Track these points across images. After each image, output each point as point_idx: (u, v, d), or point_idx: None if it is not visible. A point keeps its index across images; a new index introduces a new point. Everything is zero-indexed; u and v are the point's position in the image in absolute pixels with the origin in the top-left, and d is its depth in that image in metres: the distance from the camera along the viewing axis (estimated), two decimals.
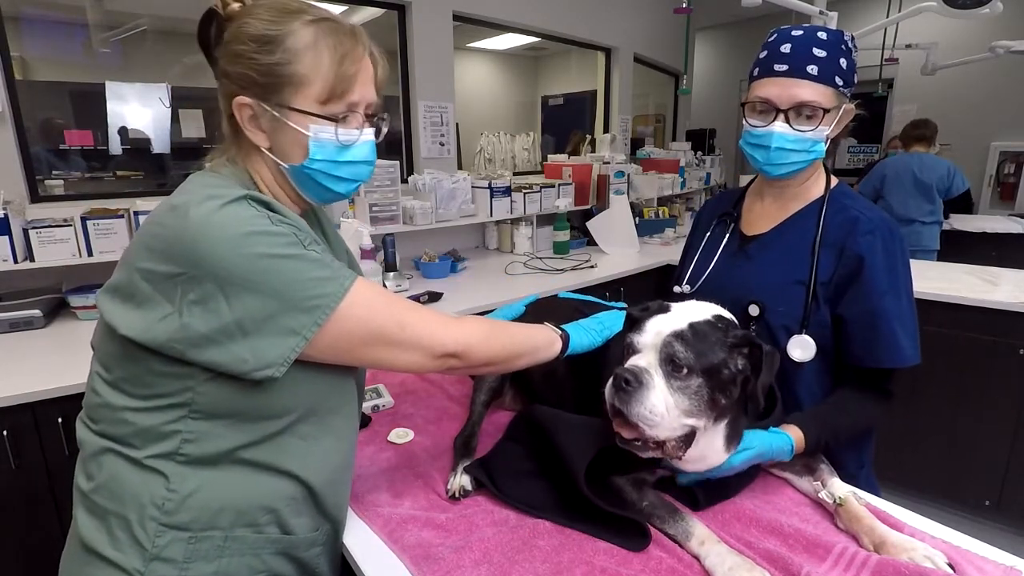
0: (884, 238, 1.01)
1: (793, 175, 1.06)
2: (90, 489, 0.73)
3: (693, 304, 0.87)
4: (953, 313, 2.22)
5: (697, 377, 0.77)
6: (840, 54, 0.98)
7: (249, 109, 0.75)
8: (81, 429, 0.76)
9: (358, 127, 0.79)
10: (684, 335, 0.78)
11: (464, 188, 2.86)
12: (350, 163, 0.80)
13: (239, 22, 0.74)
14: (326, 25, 0.74)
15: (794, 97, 0.97)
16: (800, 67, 0.97)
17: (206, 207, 0.66)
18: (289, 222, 0.71)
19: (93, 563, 0.71)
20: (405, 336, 0.75)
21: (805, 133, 0.99)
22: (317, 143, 0.76)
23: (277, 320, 0.66)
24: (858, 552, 0.76)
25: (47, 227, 1.86)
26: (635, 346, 0.82)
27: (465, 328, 0.81)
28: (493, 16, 3.44)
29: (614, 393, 0.78)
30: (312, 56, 0.73)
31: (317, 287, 0.68)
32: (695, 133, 6.17)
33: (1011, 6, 3.14)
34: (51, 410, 1.45)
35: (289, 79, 0.73)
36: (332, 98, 0.75)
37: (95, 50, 3.53)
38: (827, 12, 2.74)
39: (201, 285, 0.64)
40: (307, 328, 0.68)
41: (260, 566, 0.76)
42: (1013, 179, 5.51)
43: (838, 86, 0.98)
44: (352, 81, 0.76)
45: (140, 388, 0.70)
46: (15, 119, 2.06)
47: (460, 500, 0.93)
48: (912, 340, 1.00)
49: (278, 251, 0.67)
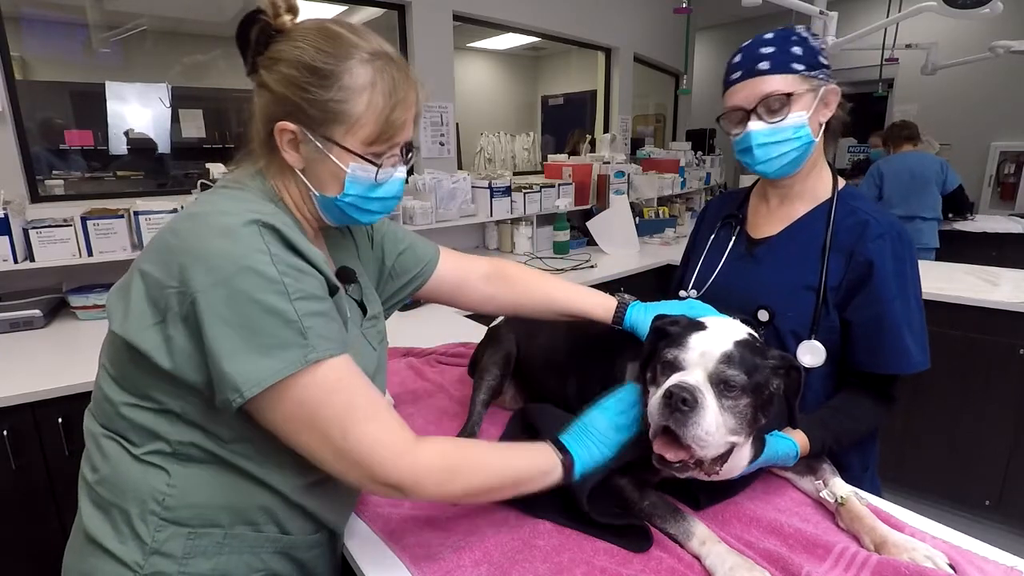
0: (894, 243, 1.00)
1: (792, 171, 1.05)
2: (95, 481, 0.73)
3: (726, 321, 0.86)
4: (953, 313, 2.22)
5: (745, 396, 0.75)
6: (790, 44, 1.00)
7: (291, 134, 0.73)
8: (88, 420, 0.77)
9: (394, 165, 0.79)
10: (733, 354, 0.76)
11: (464, 188, 2.86)
12: (381, 199, 0.80)
13: (291, 42, 0.72)
14: (381, 64, 0.73)
15: (755, 94, 1.00)
16: (751, 68, 1.00)
17: (216, 225, 0.65)
18: (290, 262, 0.67)
19: (96, 554, 0.71)
20: (344, 446, 0.66)
21: (779, 123, 1.00)
22: (353, 180, 0.75)
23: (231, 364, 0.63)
24: (858, 552, 0.76)
25: (47, 227, 1.86)
26: (680, 363, 0.78)
27: (423, 461, 0.69)
28: (493, 16, 3.45)
29: (668, 414, 0.73)
30: (367, 98, 0.72)
31: (276, 351, 0.64)
32: (695, 133, 6.17)
33: (1011, 6, 3.14)
34: (51, 410, 1.45)
35: (340, 117, 0.72)
36: (379, 141, 0.74)
37: (95, 50, 3.53)
38: (827, 12, 2.73)
39: (187, 303, 0.64)
40: (248, 388, 0.63)
41: (259, 564, 0.75)
42: (1013, 179, 5.51)
43: (798, 70, 0.99)
44: (401, 127, 0.75)
45: (137, 387, 0.70)
46: (15, 119, 2.06)
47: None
48: (921, 346, 1.00)
49: (258, 296, 0.63)
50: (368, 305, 0.91)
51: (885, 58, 4.37)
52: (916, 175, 3.59)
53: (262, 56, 0.74)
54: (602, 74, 4.65)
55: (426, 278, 1.03)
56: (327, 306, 0.71)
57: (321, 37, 0.72)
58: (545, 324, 1.16)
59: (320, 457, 0.68)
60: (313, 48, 0.71)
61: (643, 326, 0.96)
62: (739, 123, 1.03)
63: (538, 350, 1.20)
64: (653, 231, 3.81)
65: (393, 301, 1.03)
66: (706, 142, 5.94)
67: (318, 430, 0.66)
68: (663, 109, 6.52)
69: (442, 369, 1.50)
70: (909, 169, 3.61)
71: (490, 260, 1.09)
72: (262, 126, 0.75)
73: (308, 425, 0.66)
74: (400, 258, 1.00)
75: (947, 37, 5.10)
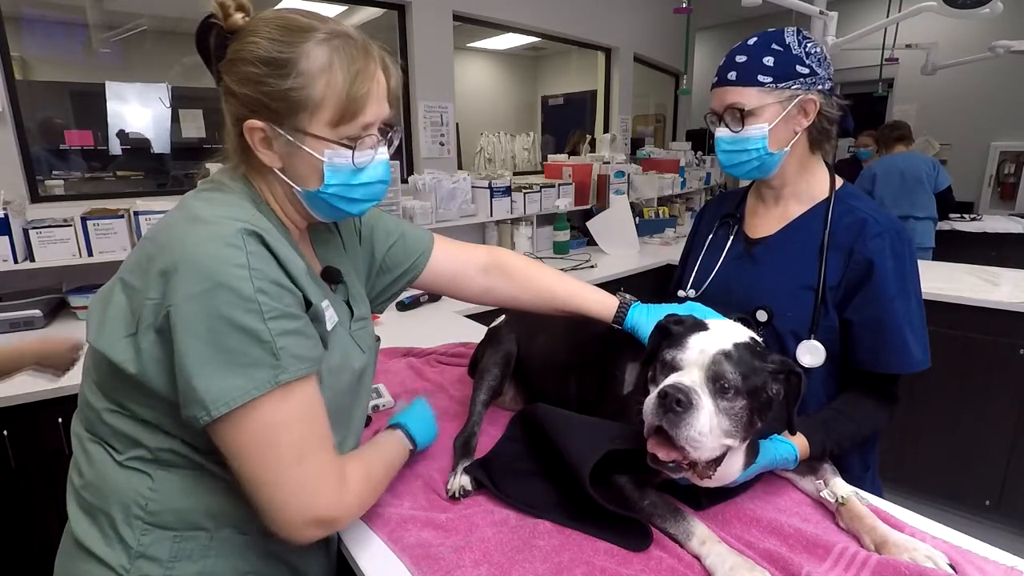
0: (893, 241, 1.00)
1: (764, 175, 1.08)
2: (81, 485, 0.73)
3: (728, 323, 0.85)
4: (953, 313, 2.22)
5: (742, 399, 0.75)
6: (765, 54, 1.01)
7: (261, 132, 0.71)
8: (75, 423, 0.77)
9: (372, 147, 0.75)
10: (731, 356, 0.76)
11: (464, 188, 2.87)
12: (365, 185, 0.76)
13: (244, 39, 0.70)
14: (338, 43, 0.70)
15: (723, 102, 1.04)
16: (723, 76, 1.04)
17: (196, 236, 0.64)
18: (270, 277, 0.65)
19: (83, 558, 0.71)
20: (293, 474, 0.65)
21: (738, 133, 1.03)
22: (332, 168, 0.73)
23: (200, 381, 0.62)
24: (858, 552, 0.76)
25: (47, 227, 1.86)
26: (677, 363, 0.78)
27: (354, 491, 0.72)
28: (493, 16, 3.45)
29: (662, 414, 0.73)
30: (326, 79, 0.69)
31: (246, 370, 0.62)
32: (695, 133, 6.16)
33: (1011, 6, 3.14)
34: (51, 410, 1.45)
35: (303, 104, 0.69)
36: (344, 120, 0.71)
37: (95, 50, 3.53)
38: (827, 12, 2.73)
39: (162, 315, 0.63)
40: (216, 407, 0.62)
41: (246, 567, 0.75)
42: (1013, 179, 5.51)
43: (763, 83, 1.00)
44: (364, 101, 0.72)
45: (114, 396, 0.70)
46: (15, 119, 2.06)
47: (460, 500, 0.92)
48: (922, 345, 1.00)
49: (230, 314, 0.62)
50: (355, 306, 0.89)
51: (885, 58, 4.37)
52: (907, 175, 3.63)
53: (223, 60, 0.72)
54: (602, 74, 4.65)
55: (419, 270, 1.00)
56: (302, 323, 0.69)
57: (274, 27, 0.69)
58: (546, 324, 1.16)
59: (260, 481, 0.65)
60: (267, 40, 0.69)
61: (644, 328, 0.96)
62: (715, 126, 1.08)
63: (539, 350, 1.19)
64: (653, 231, 3.82)
65: (387, 295, 1.01)
66: (706, 142, 5.93)
67: (273, 453, 0.65)
68: (663, 109, 6.52)
69: (442, 369, 1.50)
70: (900, 170, 3.66)
71: (489, 249, 1.07)
72: (233, 130, 0.74)
73: (265, 447, 0.65)
74: (391, 251, 0.98)
75: (947, 37, 5.10)
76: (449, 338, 1.71)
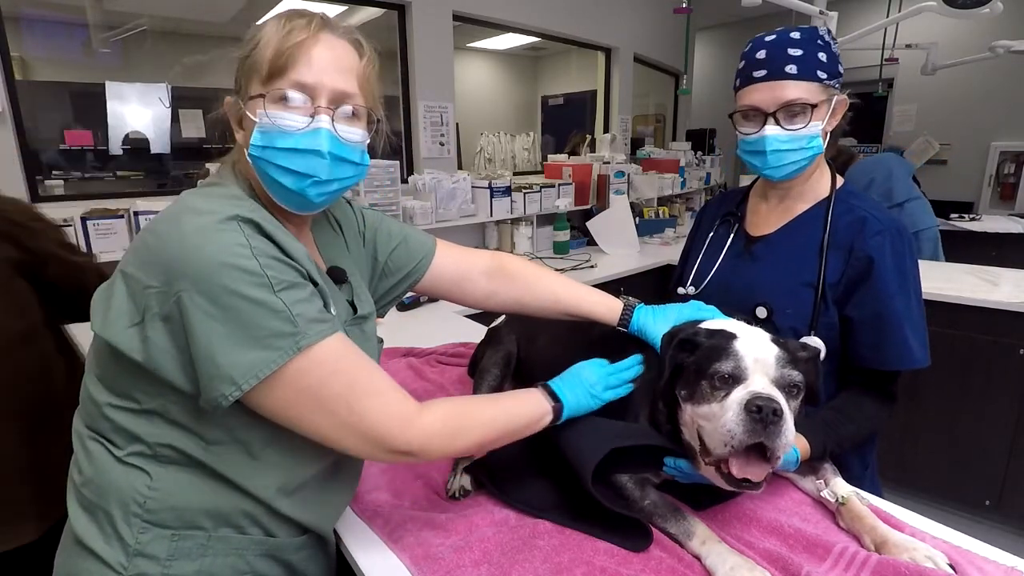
0: (893, 239, 1.00)
1: (797, 174, 1.05)
2: (80, 483, 0.73)
3: (736, 323, 0.85)
4: (953, 313, 2.22)
5: (802, 396, 0.75)
6: (817, 49, 0.98)
7: (235, 109, 0.76)
8: (76, 421, 0.77)
9: (309, 114, 0.72)
10: (785, 358, 0.75)
11: (464, 188, 2.86)
12: (294, 151, 0.71)
13: None
14: (292, 14, 0.73)
15: (779, 98, 0.98)
16: (779, 69, 0.98)
17: (195, 224, 0.65)
18: (272, 254, 0.67)
19: (82, 555, 0.71)
20: (352, 421, 0.68)
21: (798, 131, 0.99)
22: (261, 129, 0.72)
23: (225, 357, 0.63)
24: (858, 552, 0.76)
25: None
26: (740, 373, 0.76)
27: (427, 426, 0.72)
28: (493, 16, 3.45)
29: (762, 429, 0.69)
30: (265, 39, 0.72)
31: (267, 341, 0.64)
32: (695, 133, 6.17)
33: (1011, 6, 3.14)
34: None
35: (251, 68, 0.73)
36: (273, 76, 0.71)
37: (95, 50, 3.53)
38: (827, 12, 2.73)
39: (169, 303, 0.64)
40: (245, 380, 0.64)
41: (244, 567, 0.75)
42: (1013, 179, 5.50)
43: (822, 79, 0.98)
44: (294, 54, 0.70)
45: (119, 387, 0.70)
46: (15, 119, 2.05)
47: (460, 500, 0.93)
48: (921, 342, 1.00)
49: (242, 290, 0.63)
50: (359, 305, 0.89)
51: (885, 58, 4.37)
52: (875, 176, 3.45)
53: None
54: (602, 74, 4.66)
55: (421, 274, 1.01)
56: (310, 291, 0.70)
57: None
58: (546, 325, 1.16)
59: (329, 435, 0.69)
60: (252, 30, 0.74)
61: (650, 330, 0.95)
62: (754, 123, 1.02)
63: (539, 351, 1.19)
64: (653, 231, 3.81)
65: (389, 298, 1.02)
66: (706, 142, 5.94)
67: (323, 411, 0.68)
68: (663, 109, 6.52)
69: (442, 369, 1.50)
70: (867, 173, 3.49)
71: (492, 254, 1.07)
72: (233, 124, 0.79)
73: (313, 408, 0.68)
74: (394, 254, 0.99)
75: (947, 37, 5.10)
76: (449, 338, 1.71)
